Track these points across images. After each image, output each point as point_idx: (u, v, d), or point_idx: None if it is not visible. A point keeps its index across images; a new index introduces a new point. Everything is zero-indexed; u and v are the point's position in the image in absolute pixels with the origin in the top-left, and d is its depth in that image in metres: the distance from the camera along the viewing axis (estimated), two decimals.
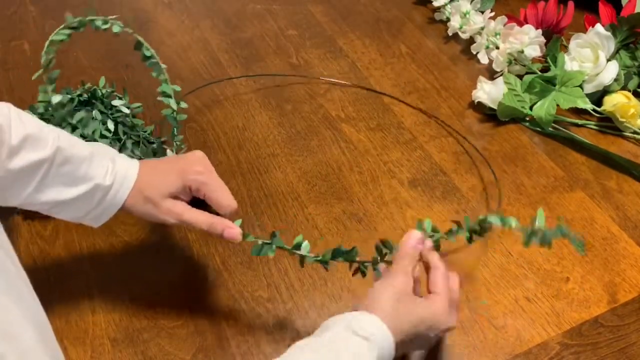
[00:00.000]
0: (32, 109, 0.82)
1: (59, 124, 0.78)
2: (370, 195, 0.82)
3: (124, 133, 0.82)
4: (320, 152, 0.88)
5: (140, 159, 0.84)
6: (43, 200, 0.60)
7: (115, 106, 0.84)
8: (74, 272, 0.74)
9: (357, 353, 0.51)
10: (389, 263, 0.60)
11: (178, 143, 0.78)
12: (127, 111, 0.84)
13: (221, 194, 0.62)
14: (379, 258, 0.61)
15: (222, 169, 0.86)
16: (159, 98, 0.76)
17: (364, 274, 0.62)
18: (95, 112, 0.81)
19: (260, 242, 0.62)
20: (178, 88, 0.77)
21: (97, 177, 0.60)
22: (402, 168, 0.86)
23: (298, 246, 0.62)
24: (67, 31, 0.75)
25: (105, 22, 0.74)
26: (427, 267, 0.59)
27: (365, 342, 0.51)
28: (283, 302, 0.70)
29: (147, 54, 0.76)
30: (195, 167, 0.62)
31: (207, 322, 0.69)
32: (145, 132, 0.88)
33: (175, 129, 0.77)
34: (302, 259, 0.62)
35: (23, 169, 0.57)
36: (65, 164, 0.59)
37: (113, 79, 0.90)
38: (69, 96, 0.83)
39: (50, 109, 0.79)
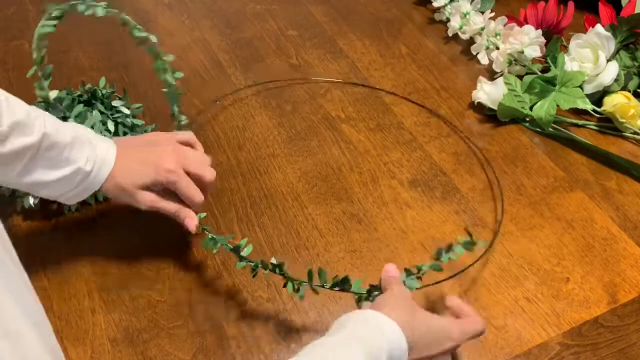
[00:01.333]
0: None
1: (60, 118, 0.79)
2: (370, 196, 0.82)
3: (125, 134, 0.82)
4: (320, 153, 0.88)
5: None
6: (25, 182, 0.63)
7: (116, 107, 0.84)
8: (74, 272, 0.74)
9: (370, 352, 0.50)
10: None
11: (181, 120, 0.80)
12: (127, 112, 0.84)
13: (189, 192, 0.68)
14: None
15: (222, 169, 0.86)
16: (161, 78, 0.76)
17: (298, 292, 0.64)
18: (95, 113, 0.81)
19: (210, 236, 0.67)
20: (171, 57, 0.76)
21: (78, 160, 0.64)
22: (402, 168, 0.86)
23: (238, 248, 0.65)
24: (52, 22, 0.75)
25: (88, 7, 0.73)
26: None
27: (381, 338, 0.51)
28: (283, 302, 0.70)
29: (140, 34, 0.75)
30: (167, 164, 0.67)
31: (207, 322, 0.69)
32: (146, 131, 0.88)
33: (176, 105, 0.79)
34: (240, 259, 0.65)
35: (10, 154, 0.60)
36: (50, 149, 0.62)
37: (113, 79, 0.90)
38: (70, 96, 0.83)
39: (49, 105, 0.79)
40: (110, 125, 0.81)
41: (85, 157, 0.65)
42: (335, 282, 0.63)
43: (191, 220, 0.68)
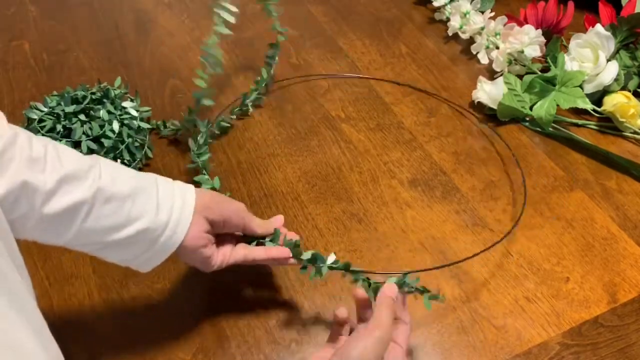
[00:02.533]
0: (45, 103, 0.82)
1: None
2: (370, 195, 0.82)
3: (129, 136, 0.82)
4: (320, 152, 0.88)
5: (140, 161, 0.84)
6: (88, 245, 0.56)
7: (125, 108, 0.84)
8: (74, 273, 0.74)
9: None
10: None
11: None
12: (135, 114, 0.84)
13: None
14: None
15: (222, 169, 0.86)
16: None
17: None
18: (102, 112, 0.81)
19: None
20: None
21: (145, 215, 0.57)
22: (402, 168, 0.86)
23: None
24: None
25: None
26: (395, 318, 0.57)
27: None
28: (283, 302, 0.70)
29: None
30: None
31: (207, 322, 0.69)
32: (150, 130, 0.88)
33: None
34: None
35: (60, 213, 0.53)
36: (107, 204, 0.55)
37: (113, 79, 0.90)
38: (83, 93, 0.83)
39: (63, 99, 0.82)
40: (115, 126, 0.81)
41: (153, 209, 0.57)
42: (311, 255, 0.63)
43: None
